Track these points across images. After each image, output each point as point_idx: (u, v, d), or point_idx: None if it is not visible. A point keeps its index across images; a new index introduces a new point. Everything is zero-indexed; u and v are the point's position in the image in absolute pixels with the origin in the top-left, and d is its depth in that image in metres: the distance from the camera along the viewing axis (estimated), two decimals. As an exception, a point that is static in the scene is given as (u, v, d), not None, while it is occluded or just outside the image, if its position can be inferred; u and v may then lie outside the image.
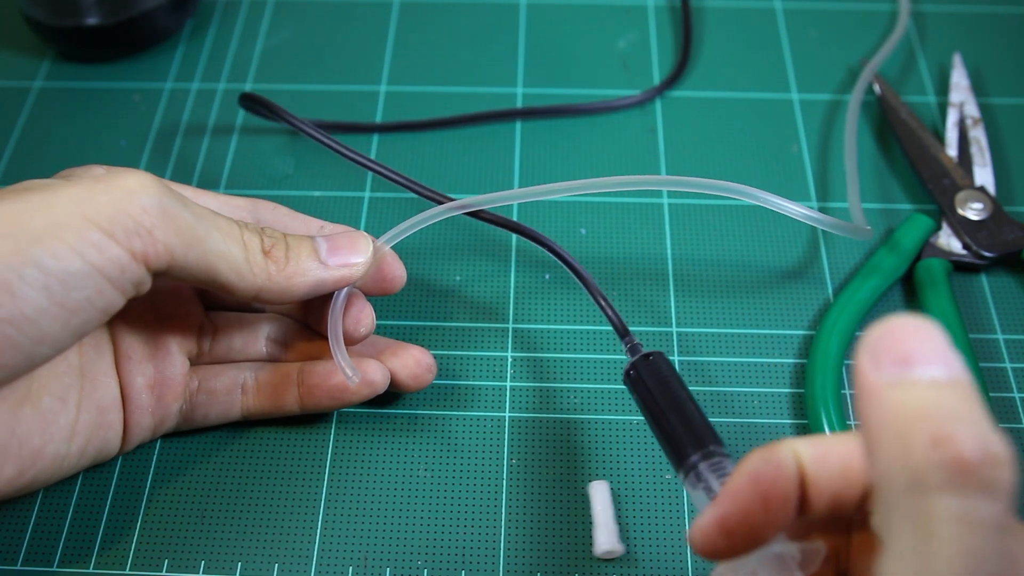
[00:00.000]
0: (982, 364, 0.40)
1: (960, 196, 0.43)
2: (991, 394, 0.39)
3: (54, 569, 0.35)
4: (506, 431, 0.38)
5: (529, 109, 0.49)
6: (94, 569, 0.35)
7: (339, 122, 0.48)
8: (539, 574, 0.34)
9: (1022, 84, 0.50)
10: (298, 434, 0.38)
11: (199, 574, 0.34)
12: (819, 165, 0.47)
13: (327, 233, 0.36)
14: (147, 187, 0.29)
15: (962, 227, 0.42)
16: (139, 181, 0.29)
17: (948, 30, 0.53)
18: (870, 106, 0.49)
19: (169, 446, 0.37)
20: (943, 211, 0.43)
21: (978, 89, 0.49)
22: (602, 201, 0.45)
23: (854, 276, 0.41)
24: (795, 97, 0.50)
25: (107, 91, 0.51)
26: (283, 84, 0.51)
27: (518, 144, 0.48)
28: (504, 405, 0.39)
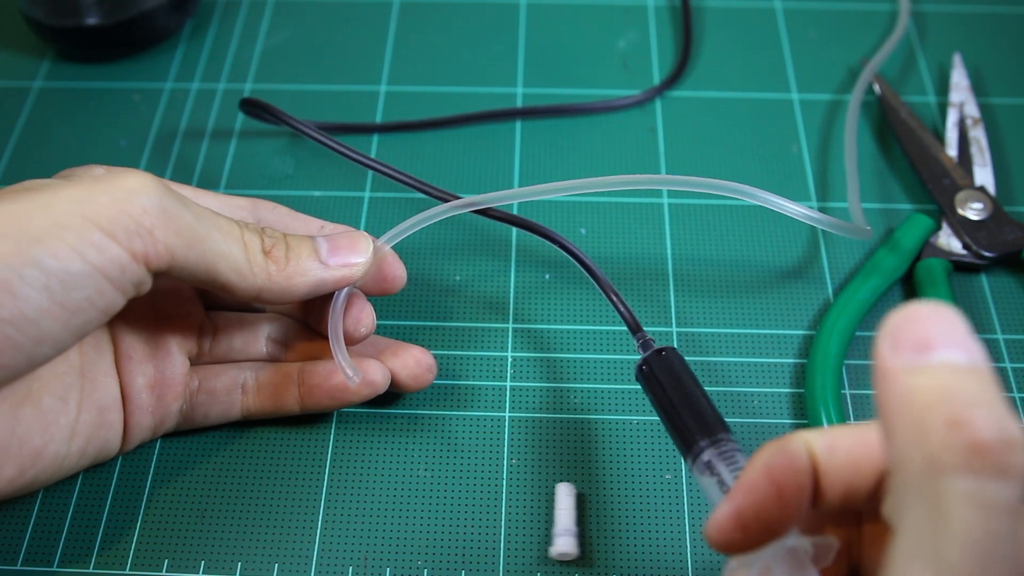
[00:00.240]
0: (982, 364, 0.40)
1: (960, 196, 0.43)
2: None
3: (54, 569, 0.35)
4: (506, 431, 0.38)
5: (529, 109, 0.49)
6: (94, 569, 0.35)
7: (339, 123, 0.48)
8: (539, 574, 0.34)
9: (1022, 84, 0.50)
10: (298, 434, 0.38)
11: (199, 574, 0.34)
12: (819, 165, 0.47)
13: (327, 233, 0.36)
14: (147, 187, 0.29)
15: (962, 227, 0.42)
16: (139, 181, 0.29)
17: (948, 30, 0.53)
18: (870, 106, 0.49)
19: (169, 446, 0.37)
20: (943, 211, 0.43)
21: (978, 89, 0.49)
22: (602, 201, 0.45)
23: (854, 276, 0.41)
24: (795, 97, 0.50)
25: (107, 91, 0.51)
26: (283, 84, 0.51)
27: (518, 144, 0.48)
28: (504, 405, 0.39)
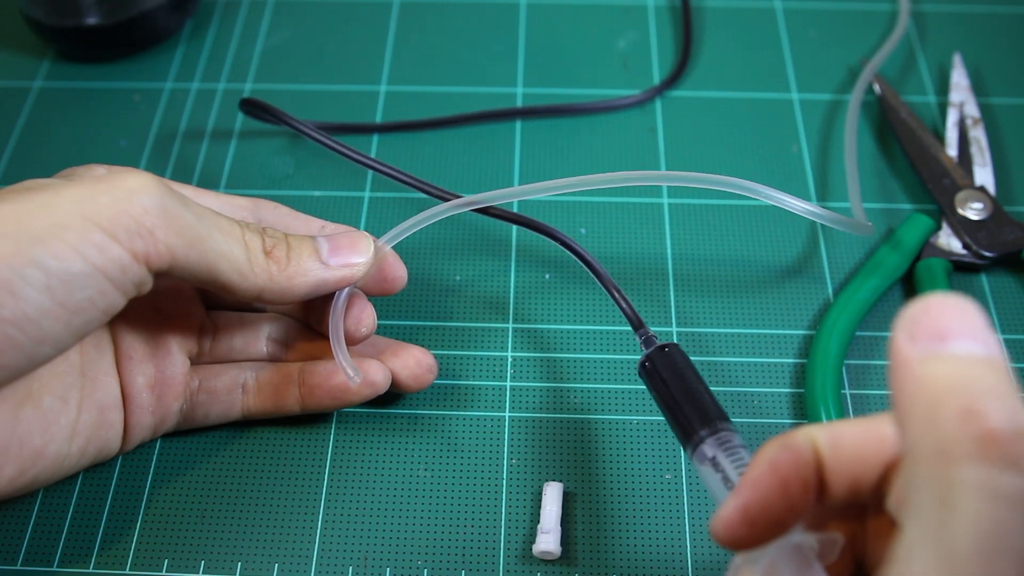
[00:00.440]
0: (982, 364, 0.40)
1: (960, 196, 0.43)
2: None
3: (54, 569, 0.35)
4: (506, 431, 0.38)
5: (529, 109, 0.49)
6: (94, 569, 0.35)
7: (339, 123, 0.48)
8: (539, 574, 0.34)
9: (1022, 84, 0.50)
10: (298, 434, 0.38)
11: (199, 574, 0.34)
12: (819, 165, 0.47)
13: (328, 233, 0.36)
14: (148, 187, 0.29)
15: (962, 227, 0.43)
16: (140, 181, 0.29)
17: (948, 30, 0.53)
18: (870, 106, 0.49)
19: (169, 446, 0.37)
20: (943, 211, 0.43)
21: (978, 89, 0.49)
22: (602, 201, 0.45)
23: (854, 276, 0.41)
24: (795, 97, 0.50)
25: (107, 91, 0.51)
26: (283, 84, 0.51)
27: (518, 144, 0.48)
28: (504, 405, 0.39)
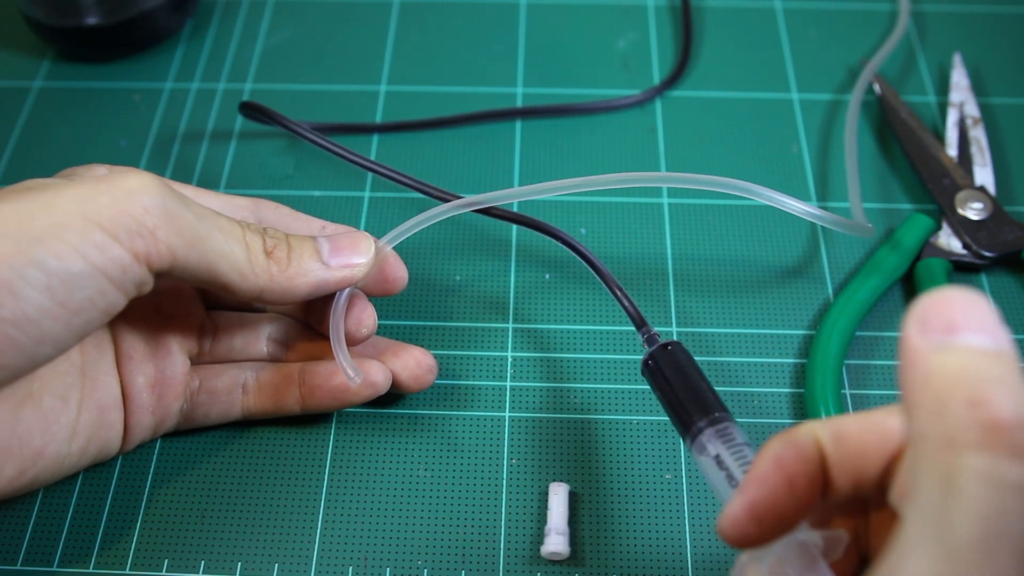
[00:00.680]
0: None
1: (960, 196, 0.43)
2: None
3: (54, 569, 0.35)
4: (506, 431, 0.38)
5: (529, 109, 0.49)
6: (94, 569, 0.35)
7: (339, 123, 0.48)
8: (539, 574, 0.34)
9: (1022, 84, 0.50)
10: (298, 434, 0.38)
11: (199, 574, 0.34)
12: (819, 165, 0.47)
13: (329, 233, 0.36)
14: (149, 187, 0.29)
15: (962, 227, 0.43)
16: (141, 181, 0.29)
17: (948, 30, 0.53)
18: (870, 106, 0.49)
19: (169, 446, 0.37)
20: (943, 211, 0.43)
21: (978, 89, 0.49)
22: (602, 201, 0.45)
23: (854, 276, 0.41)
24: (795, 97, 0.50)
25: (107, 91, 0.51)
26: (283, 84, 0.51)
27: (518, 144, 0.48)
28: (504, 405, 0.39)
